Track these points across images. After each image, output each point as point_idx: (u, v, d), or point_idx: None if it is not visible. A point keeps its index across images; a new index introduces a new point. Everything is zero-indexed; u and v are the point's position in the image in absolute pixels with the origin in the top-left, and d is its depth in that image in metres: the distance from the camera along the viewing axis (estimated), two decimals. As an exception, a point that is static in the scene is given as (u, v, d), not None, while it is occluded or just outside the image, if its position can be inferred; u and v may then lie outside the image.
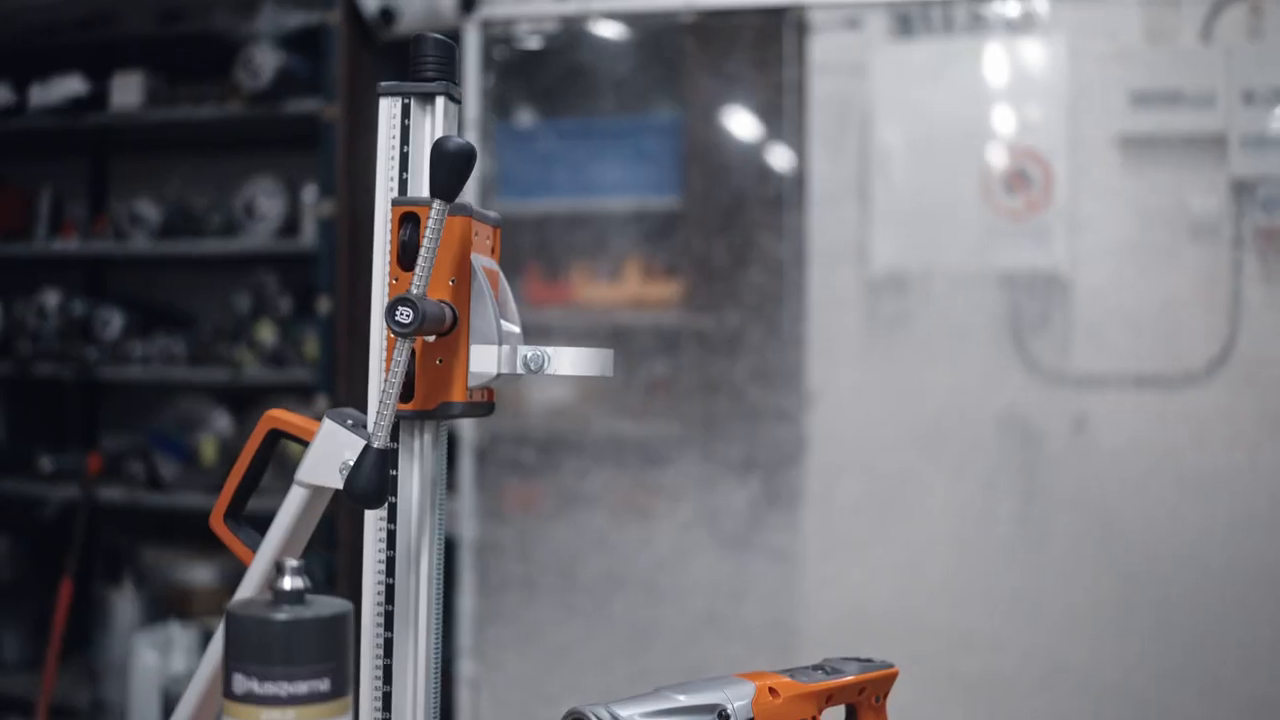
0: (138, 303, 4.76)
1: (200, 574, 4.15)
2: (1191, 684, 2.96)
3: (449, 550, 3.60)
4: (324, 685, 0.85)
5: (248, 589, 1.23)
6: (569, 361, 1.15)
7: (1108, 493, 3.03)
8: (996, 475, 3.06)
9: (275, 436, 1.25)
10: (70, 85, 4.46)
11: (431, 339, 1.15)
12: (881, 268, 3.18)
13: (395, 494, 1.19)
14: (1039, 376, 3.09)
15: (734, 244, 3.29)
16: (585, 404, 3.48)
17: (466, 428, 3.48)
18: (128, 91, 4.41)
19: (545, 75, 3.55)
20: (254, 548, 1.24)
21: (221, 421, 4.58)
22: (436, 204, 1.09)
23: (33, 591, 4.72)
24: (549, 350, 1.15)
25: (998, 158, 3.14)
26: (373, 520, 1.19)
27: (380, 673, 1.19)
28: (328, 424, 1.21)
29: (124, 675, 3.82)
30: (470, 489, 3.46)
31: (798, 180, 3.26)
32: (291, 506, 1.23)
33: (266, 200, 4.40)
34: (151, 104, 4.42)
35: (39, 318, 4.72)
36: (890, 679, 1.23)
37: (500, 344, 1.16)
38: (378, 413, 1.09)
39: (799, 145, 3.27)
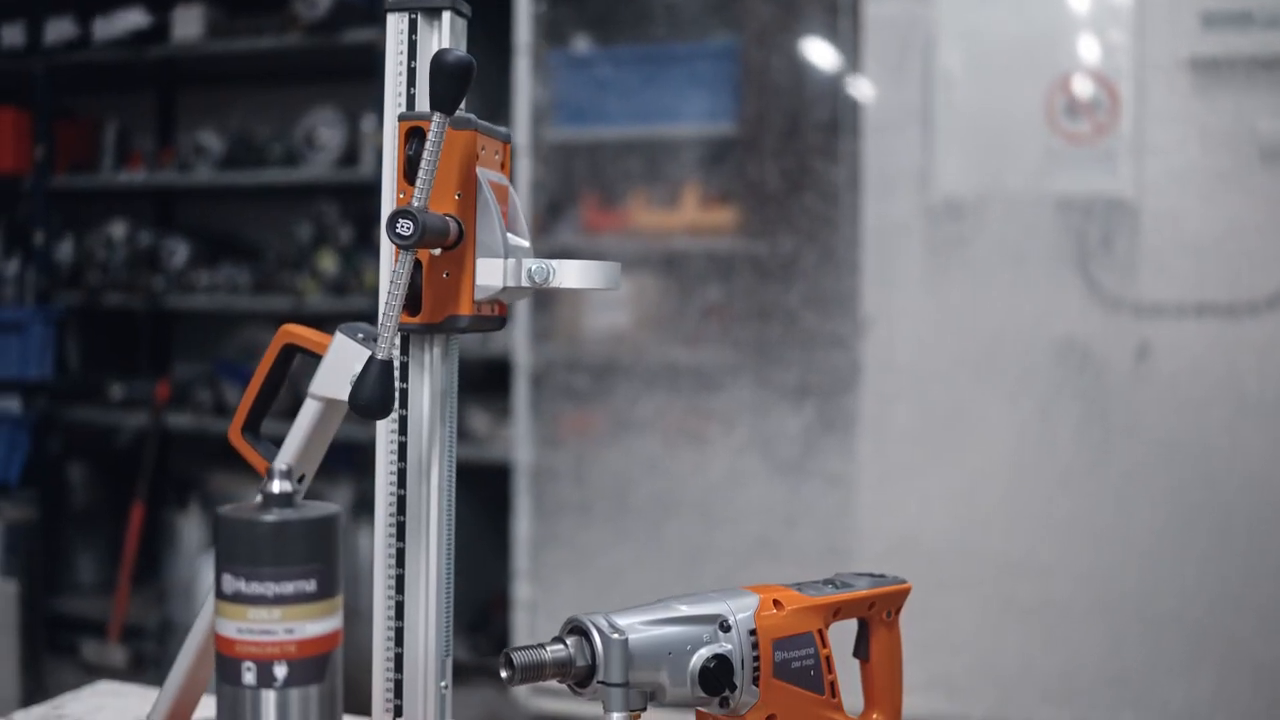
0: (203, 233, 4.83)
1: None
2: (1249, 611, 2.92)
3: (500, 474, 3.64)
4: (310, 586, 0.86)
5: (266, 499, 1.25)
6: (575, 274, 1.15)
7: (1168, 419, 2.98)
8: (1054, 401, 3.02)
9: (290, 351, 1.26)
10: (132, 18, 4.50)
11: (437, 252, 1.14)
12: (942, 193, 3.13)
13: (405, 407, 1.20)
14: (1101, 302, 3.03)
15: (789, 169, 3.26)
16: (640, 330, 3.48)
17: (522, 354, 3.50)
18: (189, 23, 4.44)
19: (599, 2, 3.52)
20: (270, 460, 1.25)
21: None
22: (436, 117, 1.09)
23: (106, 517, 4.85)
24: (554, 263, 1.14)
25: (1063, 81, 3.07)
26: (384, 433, 1.20)
27: (393, 583, 1.20)
28: (339, 338, 1.22)
29: (189, 596, 3.92)
30: (526, 415, 3.48)
31: (853, 105, 3.21)
32: (305, 419, 1.24)
33: (326, 130, 4.42)
34: (212, 35, 4.45)
35: (107, 249, 4.80)
36: (902, 594, 1.22)
37: (506, 257, 1.15)
38: (381, 325, 1.10)
39: (856, 70, 3.22)
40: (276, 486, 0.87)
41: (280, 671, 0.85)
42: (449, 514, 1.22)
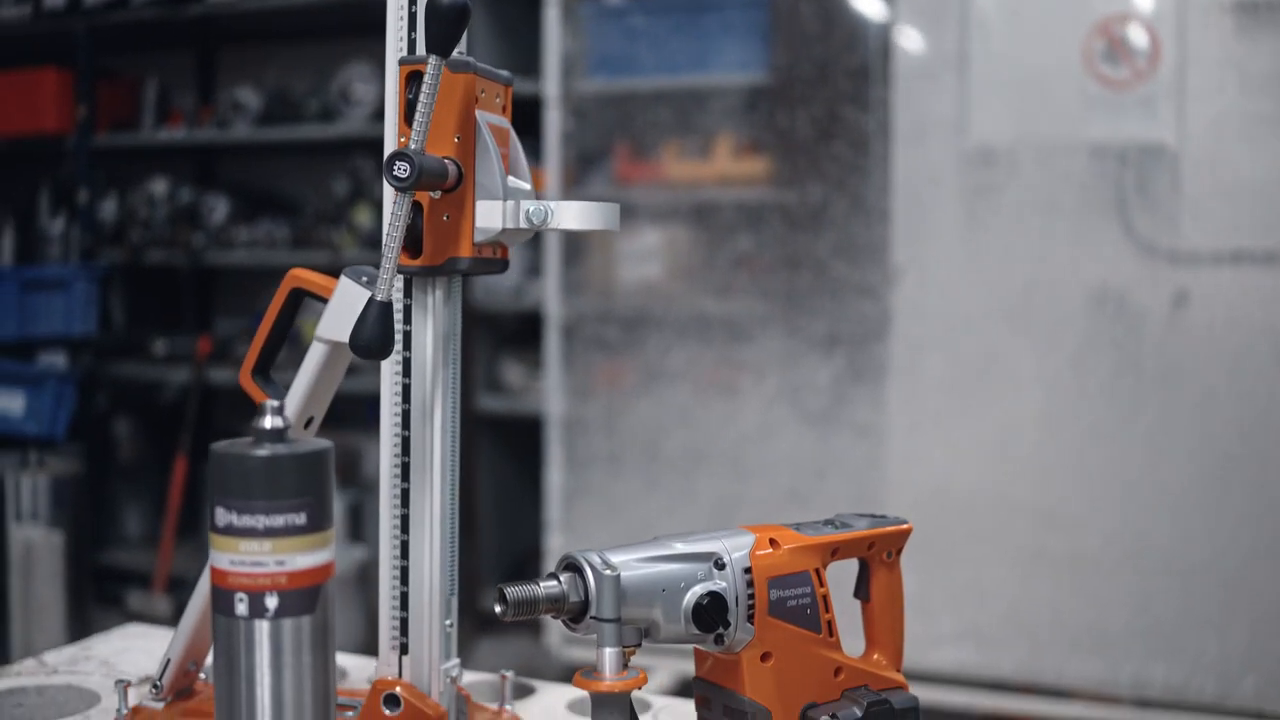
0: (242, 189, 4.87)
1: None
2: (1283, 563, 2.90)
3: (534, 426, 3.67)
4: (300, 519, 0.87)
5: (273, 443, 1.27)
6: (573, 215, 1.15)
7: (1203, 369, 2.95)
8: (1087, 351, 3.00)
9: (298, 295, 1.28)
10: (170, -25, 4.52)
11: (437, 195, 1.15)
12: (977, 140, 3.10)
13: (409, 349, 1.21)
14: (1138, 250, 3.00)
15: (819, 118, 3.24)
16: (671, 281, 3.48)
17: (553, 306, 3.51)
18: (225, -21, 4.46)
19: (630, -51, 3.50)
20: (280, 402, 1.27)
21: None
22: (432, 59, 1.09)
23: (151, 471, 4.93)
24: (552, 204, 1.15)
25: (1102, 26, 3.02)
26: (388, 375, 1.22)
27: (398, 522, 1.22)
28: (344, 281, 1.23)
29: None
30: (557, 366, 3.50)
31: (885, 52, 3.18)
32: (312, 362, 1.25)
33: (362, 85, 4.43)
34: (248, -10, 4.48)
35: (149, 206, 4.85)
36: (903, 535, 1.22)
37: (505, 199, 1.16)
38: (382, 266, 1.11)
39: (891, 16, 3.19)
40: (268, 422, 0.89)
41: (271, 602, 0.87)
42: (453, 455, 1.23)
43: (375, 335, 1.10)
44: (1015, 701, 3.13)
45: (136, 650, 1.63)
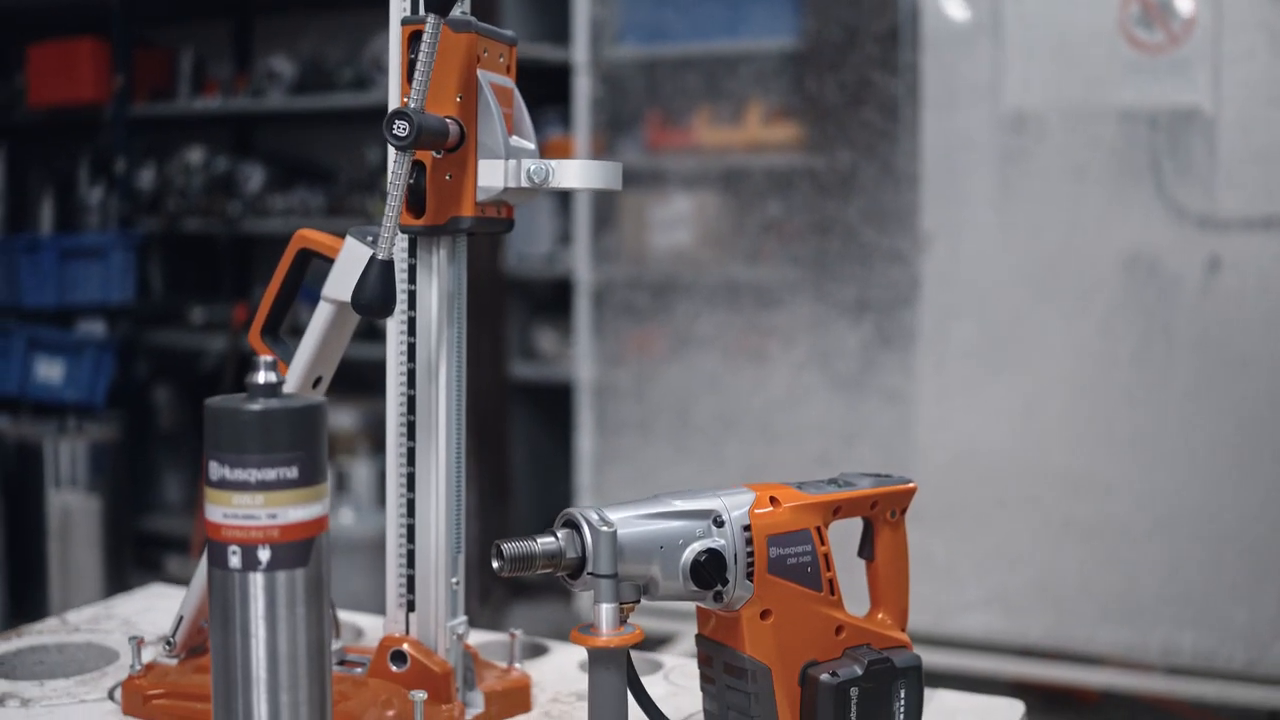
0: (277, 157, 4.89)
1: (341, 418, 4.31)
2: (1315, 531, 2.87)
3: (568, 393, 3.68)
4: (292, 473, 0.88)
5: (281, 402, 1.28)
6: (574, 173, 1.15)
7: (1236, 335, 2.92)
8: (1117, 316, 2.97)
9: (305, 255, 1.29)
10: (204, -56, 4.54)
11: (439, 154, 1.16)
12: (1009, 105, 3.07)
13: (414, 309, 1.22)
14: (1172, 216, 2.96)
15: (848, 83, 3.22)
16: (702, 248, 3.48)
17: (583, 273, 3.52)
18: (259, -52, 4.47)
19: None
20: (288, 361, 1.28)
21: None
22: (431, 18, 1.10)
23: (191, 438, 4.98)
24: (553, 163, 1.15)
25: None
26: (393, 334, 1.23)
27: (404, 481, 1.23)
28: (349, 240, 1.24)
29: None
30: (587, 333, 3.51)
31: (914, 16, 3.15)
32: (319, 322, 1.26)
33: (395, 53, 4.43)
34: (282, -41, 4.49)
35: (185, 175, 4.88)
36: (907, 495, 1.22)
37: (507, 158, 1.16)
38: (382, 225, 1.12)
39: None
40: (262, 377, 0.90)
41: (264, 555, 0.88)
42: (458, 414, 1.24)
43: (377, 294, 1.11)
44: (1043, 668, 3.12)
45: (158, 610, 1.65)
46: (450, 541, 1.23)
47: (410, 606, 1.24)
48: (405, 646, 1.22)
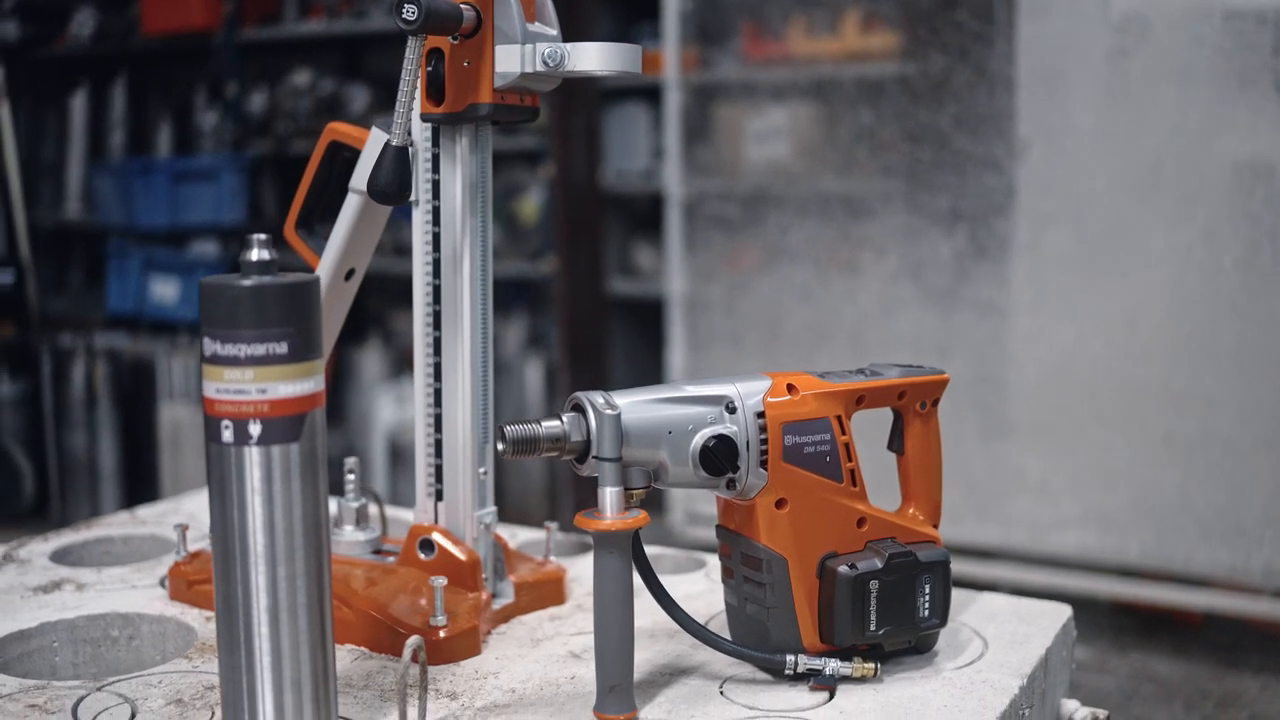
0: (382, 79, 4.93)
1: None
2: None
3: (659, 308, 3.67)
4: (282, 348, 0.89)
5: (313, 293, 1.29)
6: (592, 57, 1.13)
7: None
8: (1222, 224, 2.85)
9: (337, 148, 1.29)
10: None
11: (456, 40, 1.15)
12: (1112, 4, 2.95)
13: (438, 198, 1.22)
14: (1282, 119, 2.83)
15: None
16: (797, 160, 3.42)
17: (674, 186, 3.49)
18: None
19: None
20: (320, 255, 1.29)
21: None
22: (441, -100, 1.08)
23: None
24: (568, 46, 1.13)
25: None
26: (419, 225, 1.23)
27: (431, 370, 1.24)
28: (375, 131, 1.24)
29: (366, 424, 4.10)
30: (678, 246, 3.48)
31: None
32: (348, 213, 1.27)
33: (494, -31, 4.42)
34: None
35: (294, 98, 4.94)
36: (938, 385, 1.18)
37: (524, 43, 1.14)
38: (396, 111, 1.11)
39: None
40: (255, 255, 0.90)
41: (255, 429, 0.89)
42: (483, 303, 1.24)
43: (391, 179, 1.11)
44: (1141, 588, 3.05)
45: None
46: (477, 431, 1.24)
47: (438, 496, 1.25)
48: (434, 535, 1.23)
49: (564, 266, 3.99)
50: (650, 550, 1.48)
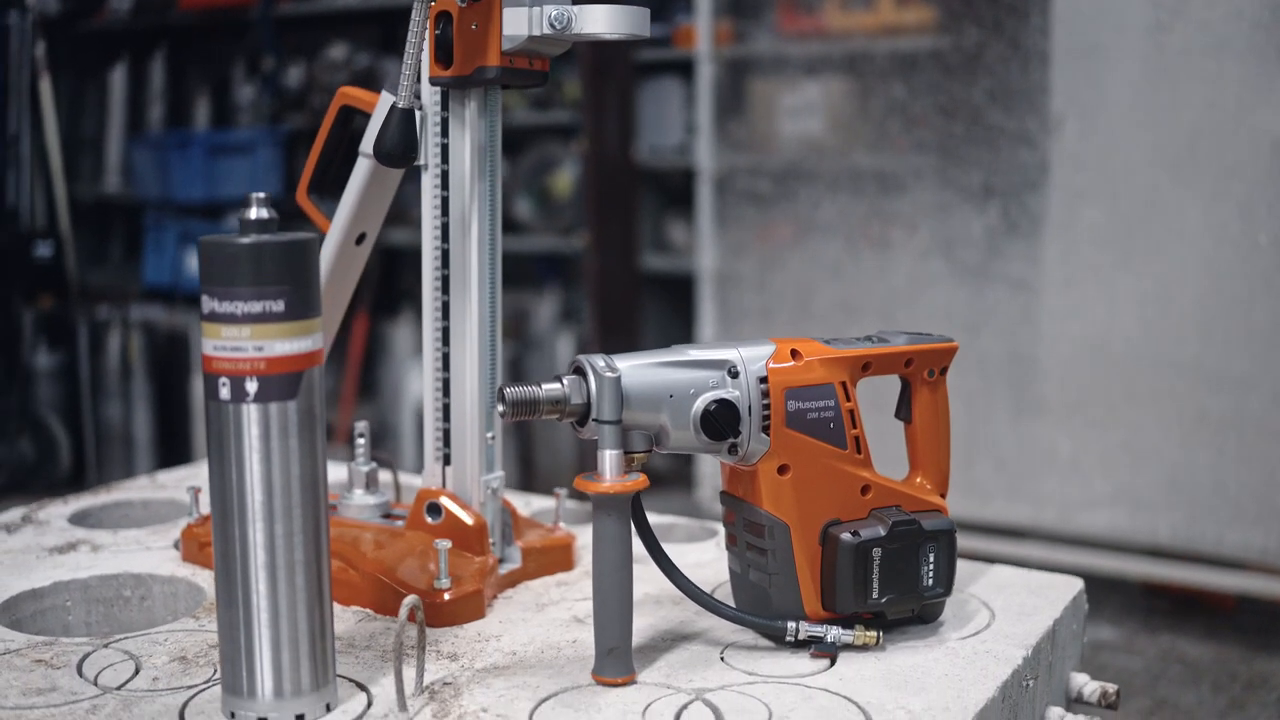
0: (419, 53, 4.93)
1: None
2: None
3: (689, 283, 3.66)
4: (278, 306, 0.89)
5: (325, 253, 1.30)
6: (600, 19, 1.13)
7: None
8: (1257, 200, 2.81)
9: (348, 113, 1.29)
10: None
11: (464, 4, 1.14)
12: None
13: (447, 162, 1.21)
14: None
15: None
16: (829, 135, 3.40)
17: (705, 160, 3.48)
18: None
19: None
20: (331, 218, 1.30)
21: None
22: None
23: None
24: (575, 8, 1.13)
25: None
26: (428, 189, 1.23)
27: (439, 335, 1.24)
28: (384, 95, 1.24)
29: (398, 396, 4.11)
30: (709, 220, 3.47)
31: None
32: (359, 177, 1.27)
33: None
34: None
35: (330, 71, 4.95)
36: (946, 353, 1.17)
37: (531, 6, 1.14)
38: (401, 74, 1.11)
39: None
40: (253, 213, 0.91)
41: (251, 387, 0.90)
42: (491, 269, 1.24)
43: (396, 141, 1.11)
44: (1172, 569, 3.02)
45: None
46: (484, 396, 1.24)
47: (446, 460, 1.25)
48: (441, 499, 1.24)
49: (596, 241, 3.99)
50: (667, 520, 1.49)
